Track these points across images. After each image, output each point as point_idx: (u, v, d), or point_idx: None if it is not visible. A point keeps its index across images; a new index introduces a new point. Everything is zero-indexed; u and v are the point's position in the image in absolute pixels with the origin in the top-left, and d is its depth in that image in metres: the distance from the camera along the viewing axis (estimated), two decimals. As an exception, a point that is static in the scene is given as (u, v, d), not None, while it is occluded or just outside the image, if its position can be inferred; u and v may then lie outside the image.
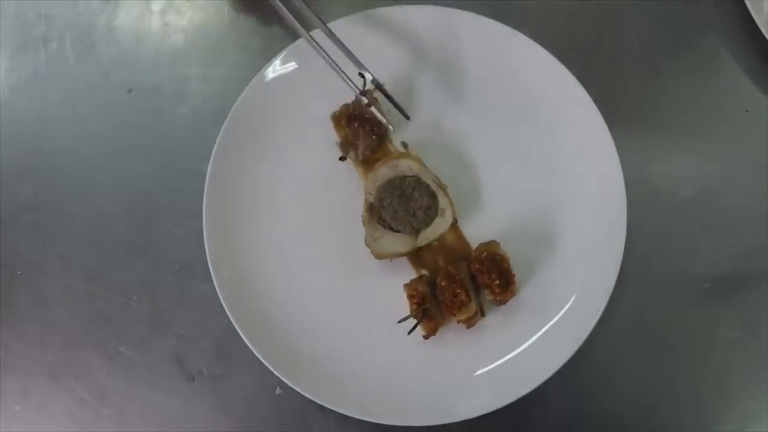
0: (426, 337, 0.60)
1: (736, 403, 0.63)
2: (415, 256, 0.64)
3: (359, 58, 0.64)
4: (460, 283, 0.60)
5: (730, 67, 0.71)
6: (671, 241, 0.67)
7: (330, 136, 0.68)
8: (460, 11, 0.67)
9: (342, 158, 0.66)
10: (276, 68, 0.67)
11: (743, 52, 0.71)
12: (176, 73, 0.73)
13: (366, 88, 0.64)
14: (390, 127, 0.63)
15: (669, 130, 0.69)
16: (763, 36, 0.67)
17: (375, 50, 0.67)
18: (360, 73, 0.64)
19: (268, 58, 0.68)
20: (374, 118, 0.64)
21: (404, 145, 0.67)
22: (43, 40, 0.75)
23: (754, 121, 0.70)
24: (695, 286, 0.66)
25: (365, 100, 0.63)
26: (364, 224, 0.63)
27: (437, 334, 0.61)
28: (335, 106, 0.67)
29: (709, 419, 0.63)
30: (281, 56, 0.67)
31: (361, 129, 0.64)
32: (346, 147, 0.65)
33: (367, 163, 0.66)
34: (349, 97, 0.66)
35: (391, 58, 0.68)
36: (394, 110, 0.65)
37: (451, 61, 0.68)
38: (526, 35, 0.67)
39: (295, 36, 0.67)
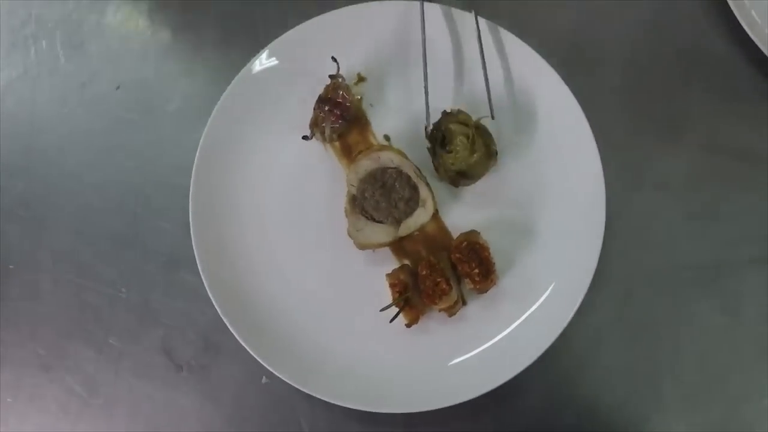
0: (408, 326, 0.61)
1: (719, 389, 0.64)
2: (397, 246, 0.65)
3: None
4: (441, 272, 0.61)
5: (712, 59, 0.72)
6: (653, 229, 0.68)
7: (314, 130, 0.69)
8: (443, 6, 0.68)
9: (305, 137, 0.67)
10: (262, 62, 0.68)
11: (724, 44, 0.72)
12: (163, 70, 0.74)
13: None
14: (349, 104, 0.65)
15: (649, 120, 0.70)
16: (746, 31, 0.68)
17: (360, 44, 0.68)
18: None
19: (251, 55, 0.68)
20: (344, 103, 0.65)
21: (386, 137, 0.68)
22: (34, 38, 0.77)
23: (734, 114, 0.70)
24: (676, 274, 0.66)
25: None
26: (346, 215, 0.64)
27: (419, 322, 0.62)
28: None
29: (692, 406, 0.64)
30: (266, 51, 0.68)
31: (330, 112, 0.65)
32: (314, 128, 0.66)
33: (349, 154, 0.67)
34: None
35: (375, 51, 0.69)
36: (377, 101, 0.67)
37: (434, 55, 0.69)
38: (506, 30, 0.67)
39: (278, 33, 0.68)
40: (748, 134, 0.70)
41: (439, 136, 0.64)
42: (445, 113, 0.65)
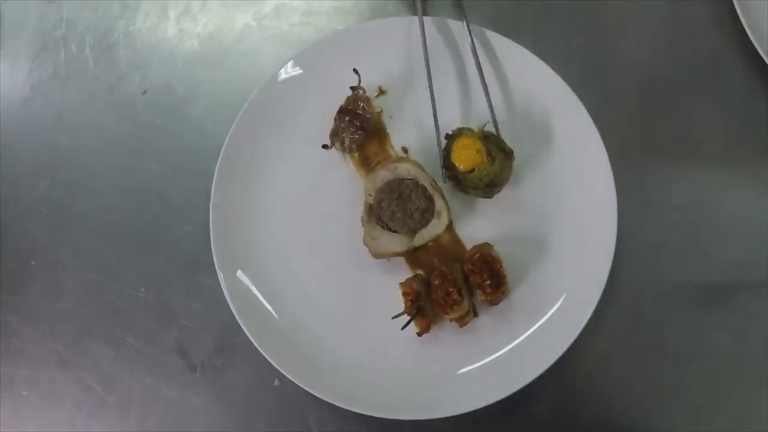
0: (419, 334, 0.62)
1: (724, 408, 0.65)
2: (412, 256, 0.66)
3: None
4: (453, 282, 0.61)
5: (723, 78, 0.73)
6: (663, 249, 0.68)
7: (334, 140, 0.70)
8: (461, 23, 0.70)
9: (325, 146, 0.69)
10: (287, 71, 0.70)
11: (737, 64, 0.72)
12: (189, 76, 0.76)
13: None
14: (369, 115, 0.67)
15: (662, 139, 0.71)
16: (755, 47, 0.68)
17: (380, 58, 0.70)
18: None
19: (276, 65, 0.70)
20: (364, 115, 0.67)
21: (404, 149, 0.70)
22: (64, 42, 0.78)
23: (748, 134, 0.71)
24: (685, 294, 0.67)
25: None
26: (363, 224, 0.65)
27: (430, 332, 0.63)
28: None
29: (697, 424, 0.64)
30: (291, 61, 0.70)
31: (350, 123, 0.67)
32: (334, 138, 0.68)
33: (367, 165, 0.68)
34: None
35: (396, 66, 0.71)
36: (396, 114, 0.69)
37: (451, 71, 0.71)
38: (524, 47, 0.69)
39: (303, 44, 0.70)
40: (762, 155, 0.70)
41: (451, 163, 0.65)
42: (448, 136, 0.66)
